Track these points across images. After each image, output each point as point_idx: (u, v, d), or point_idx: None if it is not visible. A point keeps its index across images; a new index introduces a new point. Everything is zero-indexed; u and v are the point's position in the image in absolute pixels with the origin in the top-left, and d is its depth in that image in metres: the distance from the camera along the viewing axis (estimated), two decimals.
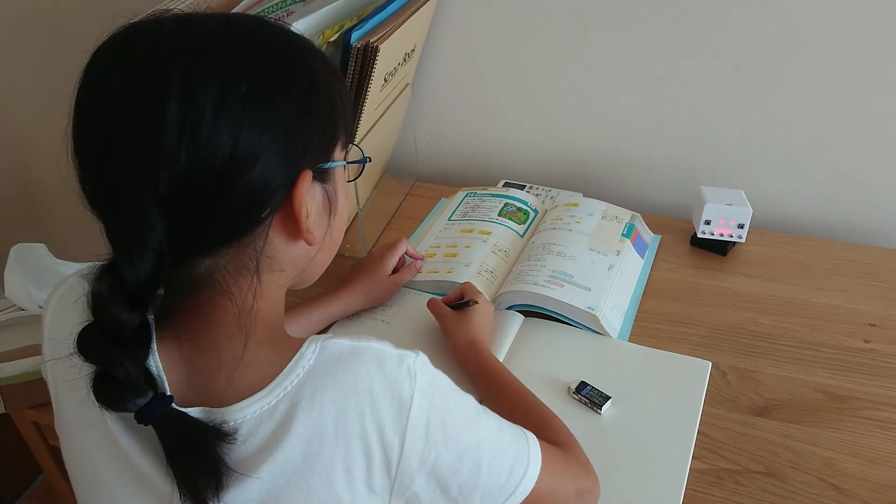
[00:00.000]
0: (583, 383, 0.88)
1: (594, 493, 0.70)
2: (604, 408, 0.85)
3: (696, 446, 0.82)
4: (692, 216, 1.13)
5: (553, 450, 0.66)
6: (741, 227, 1.09)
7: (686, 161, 1.23)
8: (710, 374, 0.90)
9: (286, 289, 0.61)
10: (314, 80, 0.54)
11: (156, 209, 0.49)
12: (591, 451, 0.72)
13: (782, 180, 1.19)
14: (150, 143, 0.48)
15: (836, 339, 0.95)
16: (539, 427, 0.67)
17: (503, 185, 1.29)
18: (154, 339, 0.54)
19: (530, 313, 1.00)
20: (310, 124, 0.54)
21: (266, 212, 0.52)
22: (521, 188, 1.26)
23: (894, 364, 0.91)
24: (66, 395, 0.58)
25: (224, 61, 0.50)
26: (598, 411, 0.85)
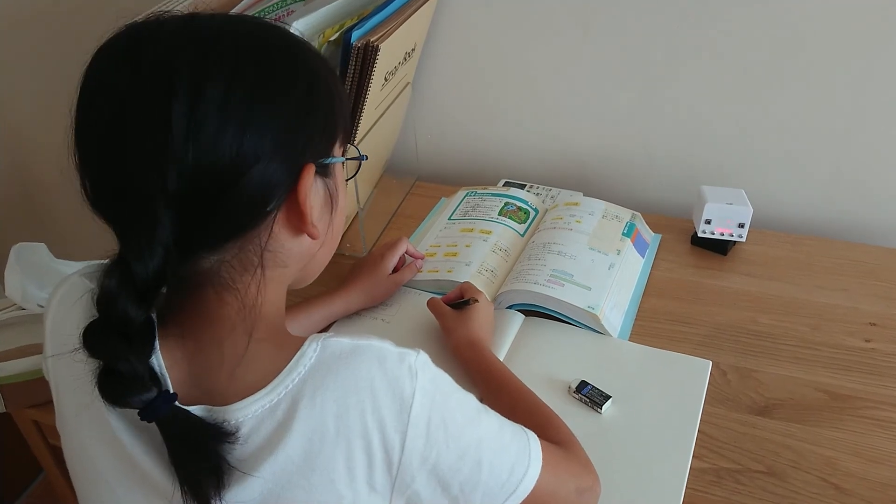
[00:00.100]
0: (583, 382, 0.88)
1: (595, 491, 0.70)
2: (604, 407, 0.85)
3: (697, 445, 0.82)
4: (693, 215, 1.13)
5: (554, 449, 0.67)
6: (742, 227, 1.09)
7: (686, 160, 1.23)
8: (711, 374, 0.90)
9: (287, 286, 0.61)
10: (315, 78, 0.55)
11: (164, 205, 0.49)
12: (591, 450, 0.72)
13: (783, 180, 1.19)
14: (157, 142, 0.48)
15: (837, 339, 0.95)
16: (540, 426, 0.67)
17: (503, 185, 1.29)
18: (157, 337, 0.54)
19: (531, 312, 1.00)
20: (312, 121, 0.55)
21: (271, 205, 0.53)
22: (522, 187, 1.26)
23: (895, 363, 0.91)
24: (67, 393, 0.58)
25: (228, 61, 0.50)
26: (599, 410, 0.85)
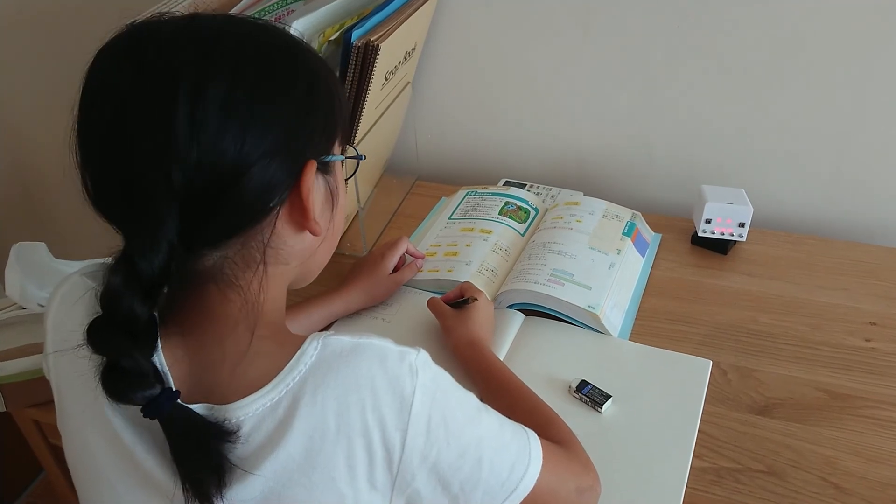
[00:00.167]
0: (583, 382, 0.88)
1: (595, 491, 0.70)
2: (604, 406, 0.85)
3: (697, 445, 0.82)
4: (693, 215, 1.13)
5: (554, 448, 0.66)
6: (742, 226, 1.09)
7: (686, 160, 1.23)
8: (711, 373, 0.90)
9: (288, 285, 0.62)
10: (315, 78, 0.56)
11: (168, 203, 0.49)
12: (591, 449, 0.72)
13: (783, 179, 1.19)
14: (158, 142, 0.49)
15: (837, 338, 0.95)
16: (540, 425, 0.67)
17: (504, 184, 1.29)
18: (159, 335, 0.54)
19: (531, 312, 1.00)
20: (312, 120, 0.55)
21: (275, 201, 0.54)
22: (522, 187, 1.26)
23: (895, 363, 0.91)
24: (69, 392, 0.58)
25: (230, 60, 0.51)
26: (599, 410, 0.85)
